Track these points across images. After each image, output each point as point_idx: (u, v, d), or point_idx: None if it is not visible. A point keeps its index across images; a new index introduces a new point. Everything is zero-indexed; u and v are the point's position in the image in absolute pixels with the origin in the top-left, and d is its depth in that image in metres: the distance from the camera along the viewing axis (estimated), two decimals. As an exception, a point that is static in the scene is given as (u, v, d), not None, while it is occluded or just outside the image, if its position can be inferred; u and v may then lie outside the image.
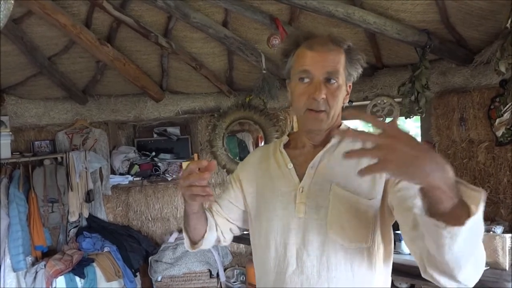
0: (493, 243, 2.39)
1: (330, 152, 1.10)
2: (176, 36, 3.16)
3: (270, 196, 1.15)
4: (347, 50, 1.09)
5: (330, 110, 1.07)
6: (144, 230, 4.01)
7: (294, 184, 1.11)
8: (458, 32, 2.66)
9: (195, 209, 1.12)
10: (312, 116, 1.07)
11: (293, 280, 1.06)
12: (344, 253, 1.03)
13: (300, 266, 1.06)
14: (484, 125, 2.84)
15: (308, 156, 1.12)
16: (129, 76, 3.43)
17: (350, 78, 1.11)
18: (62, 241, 3.73)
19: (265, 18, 2.81)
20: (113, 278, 3.39)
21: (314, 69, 1.05)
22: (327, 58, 1.06)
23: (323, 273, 1.04)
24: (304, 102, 1.07)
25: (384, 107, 3.33)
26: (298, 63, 1.09)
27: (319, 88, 1.04)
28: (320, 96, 1.04)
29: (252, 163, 1.27)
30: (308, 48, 1.07)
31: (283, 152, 1.17)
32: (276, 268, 1.11)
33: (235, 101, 3.85)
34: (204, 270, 3.58)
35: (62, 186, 3.48)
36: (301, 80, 1.08)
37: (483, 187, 2.85)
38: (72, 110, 3.82)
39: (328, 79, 1.06)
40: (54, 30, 2.98)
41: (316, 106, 1.05)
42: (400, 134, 0.71)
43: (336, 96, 1.07)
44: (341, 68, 1.07)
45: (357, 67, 1.11)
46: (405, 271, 2.31)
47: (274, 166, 1.18)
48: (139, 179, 3.85)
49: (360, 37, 2.97)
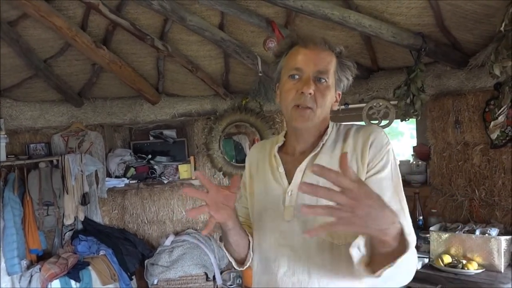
0: (488, 246, 2.40)
1: (317, 155, 1.11)
2: (172, 39, 3.16)
3: (263, 198, 1.17)
4: (338, 54, 1.11)
5: (317, 109, 1.07)
6: (140, 233, 3.99)
7: (283, 188, 1.12)
8: (453, 35, 2.68)
9: (230, 225, 1.10)
10: (298, 113, 1.08)
11: (285, 281, 1.08)
12: (334, 251, 1.04)
13: (291, 268, 1.07)
14: (479, 128, 2.85)
15: (297, 162, 1.13)
16: (125, 79, 3.42)
17: (340, 84, 1.13)
18: (58, 244, 3.71)
19: (261, 21, 2.82)
20: (109, 282, 3.37)
21: (305, 66, 1.07)
22: (319, 57, 1.07)
23: (313, 273, 1.05)
24: (291, 98, 1.08)
25: (380, 109, 3.34)
26: (291, 61, 1.10)
27: (308, 82, 1.05)
28: (308, 90, 1.04)
29: (250, 163, 1.29)
30: (302, 46, 1.09)
31: (276, 156, 1.19)
32: (268, 269, 1.12)
33: (231, 104, 3.85)
34: (200, 273, 3.56)
35: (57, 189, 3.47)
36: (291, 77, 1.09)
37: (478, 190, 2.87)
38: (68, 113, 3.81)
39: (318, 78, 1.07)
40: (49, 32, 2.97)
41: (304, 101, 1.06)
42: (362, 194, 0.76)
43: (325, 95, 1.07)
44: (332, 69, 1.09)
45: (347, 74, 1.12)
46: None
47: (268, 168, 1.20)
48: (135, 182, 3.84)
49: (355, 40, 2.98)
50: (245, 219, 1.29)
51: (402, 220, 1.00)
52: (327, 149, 1.11)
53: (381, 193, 1.01)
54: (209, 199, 1.01)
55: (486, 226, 2.65)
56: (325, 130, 1.15)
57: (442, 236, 2.58)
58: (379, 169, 1.04)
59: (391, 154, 1.06)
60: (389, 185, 1.04)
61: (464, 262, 2.40)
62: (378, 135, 1.07)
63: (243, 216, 1.29)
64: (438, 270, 2.43)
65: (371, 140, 1.06)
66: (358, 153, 1.06)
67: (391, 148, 1.07)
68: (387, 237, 0.81)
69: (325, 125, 1.16)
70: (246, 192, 1.27)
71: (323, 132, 1.15)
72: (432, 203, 3.15)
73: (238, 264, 1.24)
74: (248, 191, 1.26)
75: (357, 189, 0.75)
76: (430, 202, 3.16)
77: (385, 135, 1.08)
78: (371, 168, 1.05)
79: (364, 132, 1.09)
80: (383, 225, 0.79)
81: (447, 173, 3.06)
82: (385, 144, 1.06)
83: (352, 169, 0.81)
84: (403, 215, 1.02)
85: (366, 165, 1.05)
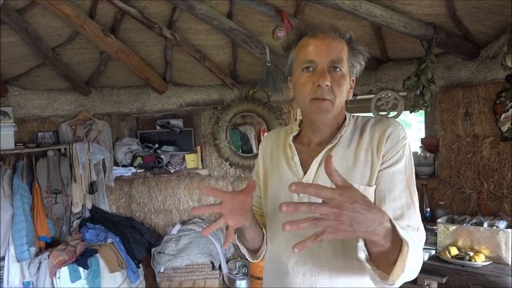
0: (496, 238, 2.40)
1: (334, 147, 1.11)
2: (180, 28, 3.14)
3: (277, 187, 1.17)
4: (348, 40, 1.09)
5: (335, 100, 1.06)
6: (147, 222, 4.02)
7: (298, 178, 1.12)
8: (465, 26, 2.64)
9: (247, 225, 1.09)
10: (317, 105, 1.06)
11: (296, 270, 1.08)
12: (346, 244, 1.05)
13: (302, 258, 1.08)
14: (489, 120, 2.83)
15: (313, 153, 1.12)
16: (132, 68, 3.42)
17: (353, 71, 1.11)
18: (66, 232, 3.75)
19: (270, 10, 2.79)
20: (116, 269, 3.40)
21: (318, 57, 1.05)
22: (330, 46, 1.05)
23: (324, 265, 1.06)
24: (308, 91, 1.06)
25: (389, 101, 3.31)
26: (302, 53, 1.08)
27: (323, 74, 1.04)
28: (325, 82, 1.03)
29: (264, 151, 1.28)
30: (312, 37, 1.07)
31: (292, 145, 1.18)
32: (280, 258, 1.13)
33: (238, 94, 3.83)
34: (206, 262, 3.59)
35: (65, 177, 3.49)
36: (305, 69, 1.07)
37: (487, 182, 2.85)
38: (76, 102, 3.82)
39: (332, 67, 1.05)
40: (58, 20, 2.96)
41: (321, 93, 1.04)
42: (346, 199, 0.76)
43: (341, 85, 1.06)
44: (345, 57, 1.07)
45: (359, 58, 1.11)
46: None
47: (282, 157, 1.19)
48: (142, 171, 3.86)
49: (365, 30, 2.95)
50: (258, 208, 1.29)
51: (411, 214, 1.01)
52: (344, 141, 1.11)
53: (393, 186, 1.03)
54: (224, 209, 0.99)
55: (494, 218, 2.65)
56: (342, 121, 1.15)
57: (450, 228, 2.57)
58: (393, 162, 1.04)
59: (407, 149, 1.06)
60: (402, 179, 1.04)
61: (471, 254, 2.40)
62: (395, 129, 1.06)
63: (257, 205, 1.29)
64: (445, 262, 2.43)
65: (388, 133, 1.06)
66: (374, 145, 1.06)
67: (407, 143, 1.06)
68: (376, 238, 0.82)
69: (342, 116, 1.15)
70: (259, 181, 1.27)
71: (340, 124, 1.14)
72: (439, 195, 3.14)
73: (252, 257, 1.24)
74: (261, 179, 1.25)
75: (339, 196, 0.76)
76: (438, 194, 3.15)
77: (402, 130, 1.07)
78: (386, 160, 1.05)
79: (382, 126, 1.08)
80: (370, 227, 0.79)
81: (455, 166, 3.05)
82: (402, 138, 1.06)
83: (338, 172, 0.81)
84: (413, 210, 1.02)
85: (381, 157, 1.05)
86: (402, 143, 1.05)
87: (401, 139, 1.06)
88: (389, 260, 0.86)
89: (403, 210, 1.02)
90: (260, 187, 1.26)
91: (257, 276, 3.48)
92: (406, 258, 0.83)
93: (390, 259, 0.86)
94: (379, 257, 0.88)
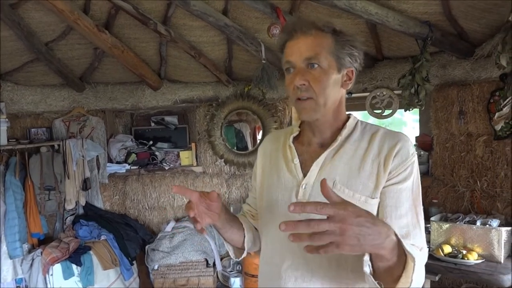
0: (488, 236, 2.41)
1: (336, 151, 1.08)
2: (175, 24, 3.12)
3: (275, 189, 1.14)
4: (333, 33, 1.05)
5: (317, 97, 1.03)
6: (141, 219, 4.00)
7: (297, 180, 1.10)
8: (460, 25, 2.65)
9: (218, 225, 1.10)
10: (300, 106, 1.05)
11: (288, 274, 1.07)
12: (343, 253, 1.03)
13: (295, 262, 1.06)
14: (483, 119, 2.84)
15: (314, 155, 1.10)
16: (127, 64, 3.39)
17: (343, 62, 1.05)
18: (59, 229, 3.73)
19: (266, 7, 2.78)
20: (110, 266, 3.39)
21: (293, 57, 1.04)
22: (305, 44, 1.03)
23: (316, 272, 1.04)
24: (292, 92, 1.06)
25: (384, 99, 3.32)
26: (284, 56, 1.08)
27: (297, 74, 1.03)
28: (298, 82, 1.02)
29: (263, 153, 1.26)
30: (290, 38, 1.06)
31: (292, 146, 1.15)
32: (273, 260, 1.11)
33: (233, 91, 3.83)
34: (200, 259, 3.58)
35: (58, 174, 3.47)
36: (287, 71, 1.07)
37: (480, 181, 2.87)
38: (69, 98, 3.79)
39: (309, 64, 1.03)
40: (51, 15, 2.93)
41: (300, 93, 1.04)
42: (350, 214, 0.76)
43: (321, 81, 1.02)
44: (325, 51, 1.02)
45: (349, 49, 1.05)
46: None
47: (282, 159, 1.17)
48: (136, 167, 3.84)
49: (360, 28, 2.95)
50: (252, 209, 1.28)
51: (416, 234, 1.00)
52: (351, 146, 1.08)
53: (399, 203, 1.01)
54: (193, 205, 1.00)
55: (487, 217, 2.66)
56: (343, 123, 1.12)
57: (443, 226, 2.58)
58: (401, 179, 1.02)
59: (415, 166, 1.04)
60: (408, 196, 1.02)
61: (464, 252, 2.41)
62: (405, 144, 1.04)
63: (253, 206, 1.28)
64: (437, 259, 2.44)
65: (397, 148, 1.03)
66: (381, 158, 1.04)
67: (416, 159, 1.05)
68: (384, 251, 0.81)
69: (341, 115, 1.12)
70: (256, 183, 1.25)
71: (341, 125, 1.11)
72: (433, 193, 3.15)
73: (235, 255, 1.25)
74: (258, 181, 1.24)
75: (342, 211, 0.75)
76: (431, 192, 3.17)
77: (411, 145, 1.05)
78: (393, 176, 1.03)
79: (391, 139, 1.05)
80: (376, 240, 0.78)
81: (449, 164, 3.06)
82: (411, 155, 1.04)
83: (334, 192, 0.81)
84: (419, 229, 1.01)
85: (388, 173, 1.02)
86: (411, 160, 1.03)
87: (410, 155, 1.03)
88: (394, 275, 0.85)
89: (409, 229, 1.00)
90: (256, 189, 1.24)
91: (251, 273, 3.48)
92: (412, 274, 0.83)
93: (395, 275, 0.85)
94: (384, 273, 0.87)
